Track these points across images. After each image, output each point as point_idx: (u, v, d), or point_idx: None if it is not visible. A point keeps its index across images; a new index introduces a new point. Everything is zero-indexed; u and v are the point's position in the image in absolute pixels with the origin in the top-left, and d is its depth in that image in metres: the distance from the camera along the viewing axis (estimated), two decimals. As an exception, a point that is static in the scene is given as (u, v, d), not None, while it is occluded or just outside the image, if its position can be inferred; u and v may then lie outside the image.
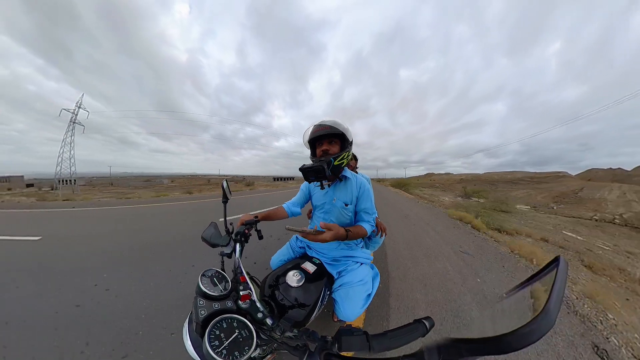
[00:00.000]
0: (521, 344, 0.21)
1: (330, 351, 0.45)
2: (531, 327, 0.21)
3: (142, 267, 2.59)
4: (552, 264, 0.27)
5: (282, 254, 1.39)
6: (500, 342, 0.22)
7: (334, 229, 0.84)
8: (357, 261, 1.21)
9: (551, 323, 0.20)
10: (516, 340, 0.21)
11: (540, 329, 0.20)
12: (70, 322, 1.65)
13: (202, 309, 0.55)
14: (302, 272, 1.00)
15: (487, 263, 3.02)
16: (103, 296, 1.99)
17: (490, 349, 0.23)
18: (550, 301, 0.22)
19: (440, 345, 0.30)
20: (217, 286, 0.65)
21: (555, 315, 0.21)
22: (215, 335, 0.49)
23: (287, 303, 0.86)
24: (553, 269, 0.26)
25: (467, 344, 0.26)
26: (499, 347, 0.22)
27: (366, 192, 1.15)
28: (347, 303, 1.03)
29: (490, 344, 0.23)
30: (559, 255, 0.27)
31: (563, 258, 0.26)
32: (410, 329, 0.43)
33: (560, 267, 0.25)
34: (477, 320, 0.31)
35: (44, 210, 6.83)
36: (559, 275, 0.24)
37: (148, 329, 1.58)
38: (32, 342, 1.46)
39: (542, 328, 0.20)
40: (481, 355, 0.25)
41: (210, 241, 0.90)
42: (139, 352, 1.38)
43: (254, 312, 0.61)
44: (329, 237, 0.82)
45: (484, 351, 0.24)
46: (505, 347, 0.22)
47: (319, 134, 1.07)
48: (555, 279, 0.24)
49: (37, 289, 2.11)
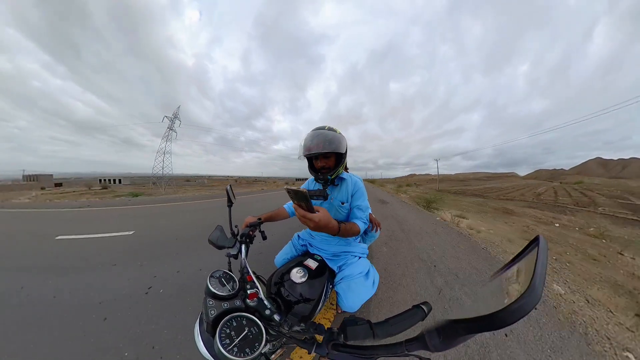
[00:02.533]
0: (513, 318, 0.22)
1: (337, 342, 0.46)
2: (520, 303, 0.22)
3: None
4: (532, 244, 0.28)
5: (285, 252, 1.41)
6: (494, 319, 0.23)
7: (327, 214, 0.73)
8: (355, 255, 1.24)
9: (538, 297, 0.21)
10: (508, 316, 0.22)
11: (529, 303, 0.21)
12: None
13: (212, 309, 0.55)
14: (305, 269, 1.01)
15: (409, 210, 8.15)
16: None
17: (485, 326, 0.25)
18: (535, 278, 0.23)
19: (439, 327, 0.31)
20: (225, 286, 0.65)
21: (541, 290, 0.22)
22: (225, 333, 0.49)
23: (292, 299, 0.87)
24: (534, 248, 0.27)
25: (464, 323, 0.27)
26: (493, 323, 0.23)
27: (360, 191, 1.17)
28: (349, 295, 1.05)
29: (485, 321, 0.24)
30: (538, 235, 0.28)
31: (542, 237, 0.27)
32: (409, 314, 0.44)
33: (541, 246, 0.26)
34: (471, 302, 0.32)
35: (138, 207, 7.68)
36: (540, 254, 0.25)
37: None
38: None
39: (530, 302, 0.21)
40: (478, 332, 0.26)
41: (217, 243, 0.90)
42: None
43: (262, 310, 0.62)
44: (322, 217, 0.68)
45: (480, 329, 0.25)
46: (499, 323, 0.23)
47: (313, 153, 1.04)
48: (538, 257, 0.25)
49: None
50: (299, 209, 0.66)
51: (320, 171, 1.13)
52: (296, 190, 0.61)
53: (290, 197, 0.67)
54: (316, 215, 0.66)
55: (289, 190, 0.65)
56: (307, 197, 0.63)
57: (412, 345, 0.36)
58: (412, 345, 0.36)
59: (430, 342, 0.32)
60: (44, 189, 36.26)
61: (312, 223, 0.66)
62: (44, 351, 1.37)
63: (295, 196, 0.64)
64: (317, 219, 0.66)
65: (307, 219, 0.66)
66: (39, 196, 13.80)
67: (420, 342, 0.34)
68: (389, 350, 0.38)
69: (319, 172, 1.13)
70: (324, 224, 0.69)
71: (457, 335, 0.29)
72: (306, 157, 1.13)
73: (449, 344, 0.30)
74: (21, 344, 1.42)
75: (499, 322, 0.23)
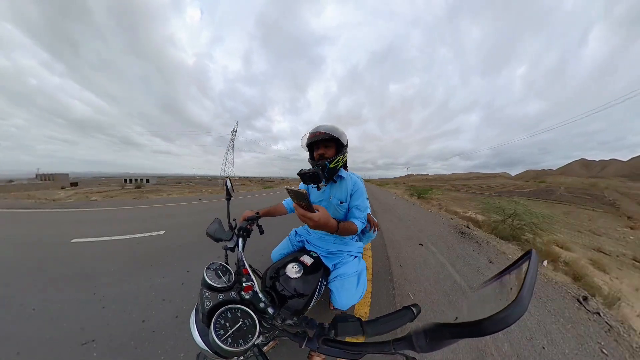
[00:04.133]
0: (498, 327, 0.22)
1: (327, 337, 0.47)
2: (506, 313, 0.22)
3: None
4: (524, 257, 0.28)
5: (282, 247, 1.41)
6: (479, 326, 0.24)
7: (326, 213, 0.73)
8: (351, 254, 1.24)
9: (524, 309, 0.22)
10: (493, 324, 0.22)
11: (514, 314, 0.22)
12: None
13: (208, 300, 0.56)
14: (300, 265, 1.02)
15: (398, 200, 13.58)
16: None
17: (470, 332, 0.25)
18: (523, 290, 0.23)
19: (427, 329, 0.32)
20: (221, 278, 0.65)
21: (528, 302, 0.22)
22: (220, 324, 0.50)
23: (287, 293, 0.88)
24: (525, 261, 0.27)
25: (450, 328, 0.28)
26: (478, 330, 0.24)
27: (359, 190, 1.17)
28: (342, 293, 1.06)
29: (471, 327, 0.25)
30: (531, 249, 0.28)
31: (534, 251, 0.27)
32: (399, 314, 0.45)
33: (532, 259, 0.26)
34: (458, 308, 0.32)
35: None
36: (531, 267, 0.25)
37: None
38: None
39: (515, 313, 0.22)
40: (462, 337, 0.26)
41: (215, 236, 0.90)
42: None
43: (257, 302, 0.63)
44: (321, 216, 0.68)
45: (465, 334, 0.26)
46: (483, 330, 0.23)
47: (315, 139, 1.07)
48: (528, 269, 0.25)
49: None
50: (298, 208, 0.67)
51: (318, 159, 1.10)
52: (296, 191, 0.63)
53: (290, 196, 0.69)
54: (315, 214, 0.67)
55: (289, 190, 0.67)
56: (307, 197, 0.64)
57: (399, 345, 0.36)
58: (399, 344, 0.36)
59: (417, 342, 0.32)
60: (64, 188, 35.75)
61: (311, 222, 0.67)
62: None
63: (295, 196, 0.66)
64: (316, 218, 0.67)
65: (307, 218, 0.67)
66: (75, 195, 13.60)
67: (407, 342, 0.35)
68: (377, 348, 0.39)
69: (318, 160, 1.10)
70: (323, 223, 0.70)
71: (442, 338, 0.29)
72: (307, 146, 1.14)
73: (434, 346, 0.30)
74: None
75: (484, 330, 0.23)
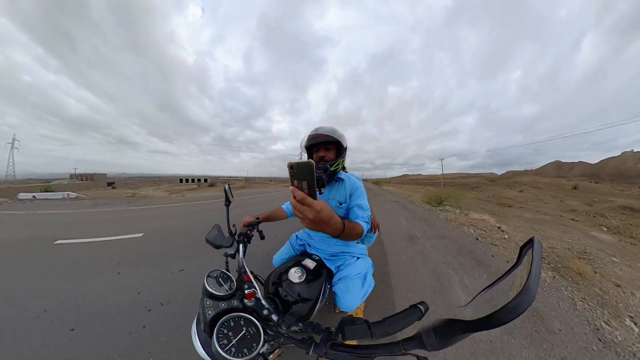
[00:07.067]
0: (508, 318, 0.22)
1: (334, 341, 0.45)
2: (515, 302, 0.22)
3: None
4: (527, 245, 0.28)
5: (283, 252, 1.38)
6: (490, 319, 0.23)
7: (330, 207, 0.55)
8: (353, 255, 1.22)
9: (533, 297, 0.21)
10: (504, 315, 0.22)
11: (524, 302, 0.21)
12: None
13: (209, 309, 0.53)
14: (303, 269, 1.00)
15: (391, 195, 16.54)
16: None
17: (481, 326, 0.24)
18: (530, 278, 0.22)
19: (436, 326, 0.31)
20: (222, 286, 0.63)
21: (536, 290, 0.22)
22: (223, 334, 0.47)
23: (290, 299, 0.85)
24: (529, 249, 0.27)
25: (460, 323, 0.27)
26: (488, 322, 0.23)
27: (359, 190, 1.15)
28: (347, 295, 1.04)
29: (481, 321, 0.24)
30: (533, 237, 0.28)
31: (537, 238, 0.27)
32: (407, 314, 0.43)
33: (535, 247, 0.26)
34: (469, 306, 0.30)
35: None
36: (535, 255, 0.25)
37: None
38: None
39: (525, 302, 0.21)
40: (474, 332, 0.25)
41: (215, 243, 0.87)
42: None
43: (260, 310, 0.60)
44: (324, 206, 0.50)
45: (475, 328, 0.25)
46: (494, 322, 0.23)
47: (315, 141, 1.06)
48: (533, 258, 0.25)
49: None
50: (297, 191, 0.45)
51: (319, 162, 1.09)
52: (300, 163, 0.43)
53: (290, 174, 0.46)
54: (318, 202, 0.47)
55: (292, 165, 0.45)
56: (313, 170, 0.43)
57: (409, 345, 0.35)
58: (409, 344, 0.35)
59: (427, 341, 0.31)
60: (110, 184, 35.68)
61: (311, 212, 0.46)
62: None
63: (298, 171, 0.44)
64: (318, 207, 0.47)
65: (307, 205, 0.45)
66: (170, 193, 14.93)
67: (417, 341, 0.33)
68: (387, 349, 0.37)
69: (319, 163, 1.09)
70: (326, 217, 0.50)
71: (453, 334, 0.28)
72: (307, 148, 1.13)
73: (445, 342, 0.29)
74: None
75: (494, 322, 0.23)
